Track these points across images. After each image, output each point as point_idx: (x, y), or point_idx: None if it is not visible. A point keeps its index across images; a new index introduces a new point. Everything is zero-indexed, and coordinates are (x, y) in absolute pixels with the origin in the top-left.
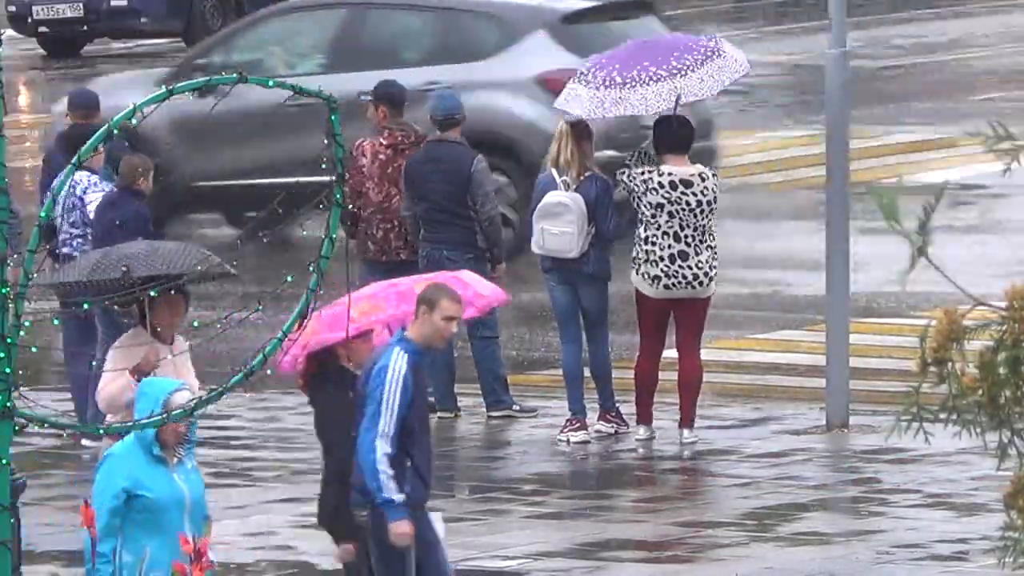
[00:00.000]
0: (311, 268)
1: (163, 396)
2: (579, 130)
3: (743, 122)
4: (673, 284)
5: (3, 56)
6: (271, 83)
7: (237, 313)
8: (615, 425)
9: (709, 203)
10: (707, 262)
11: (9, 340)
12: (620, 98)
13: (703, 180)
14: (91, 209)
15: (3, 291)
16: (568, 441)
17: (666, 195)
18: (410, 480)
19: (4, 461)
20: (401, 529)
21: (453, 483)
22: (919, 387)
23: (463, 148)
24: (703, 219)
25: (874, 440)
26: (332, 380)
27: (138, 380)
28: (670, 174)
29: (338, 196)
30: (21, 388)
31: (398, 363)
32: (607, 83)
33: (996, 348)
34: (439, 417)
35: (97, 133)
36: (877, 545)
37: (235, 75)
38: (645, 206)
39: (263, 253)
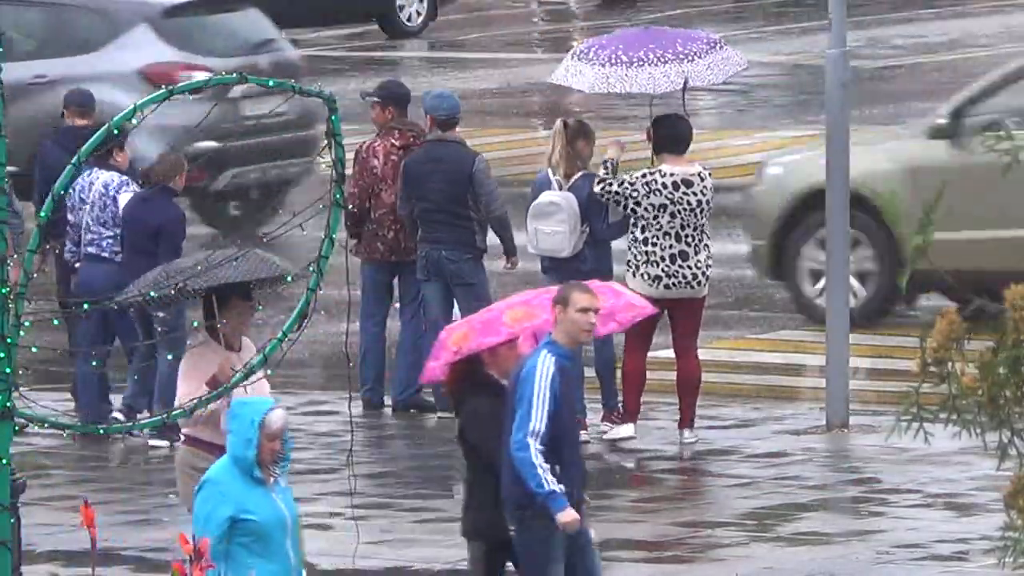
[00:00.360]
0: (311, 268)
1: (259, 417)
2: (574, 130)
3: (743, 122)
4: (673, 284)
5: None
6: (271, 83)
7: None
8: (617, 424)
9: (708, 202)
10: (704, 262)
11: (9, 340)
12: (626, 76)
13: (702, 180)
14: (122, 201)
15: (3, 291)
16: None
17: (669, 195)
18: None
19: (4, 461)
20: (567, 517)
21: (452, 483)
22: (919, 387)
23: (463, 148)
24: (702, 218)
25: (874, 440)
26: (477, 388)
27: (214, 391)
28: (672, 174)
29: (338, 196)
30: (21, 388)
31: (545, 365)
32: (612, 61)
33: (996, 349)
34: (439, 417)
35: (97, 133)
36: (877, 545)
37: (235, 75)
38: (646, 208)
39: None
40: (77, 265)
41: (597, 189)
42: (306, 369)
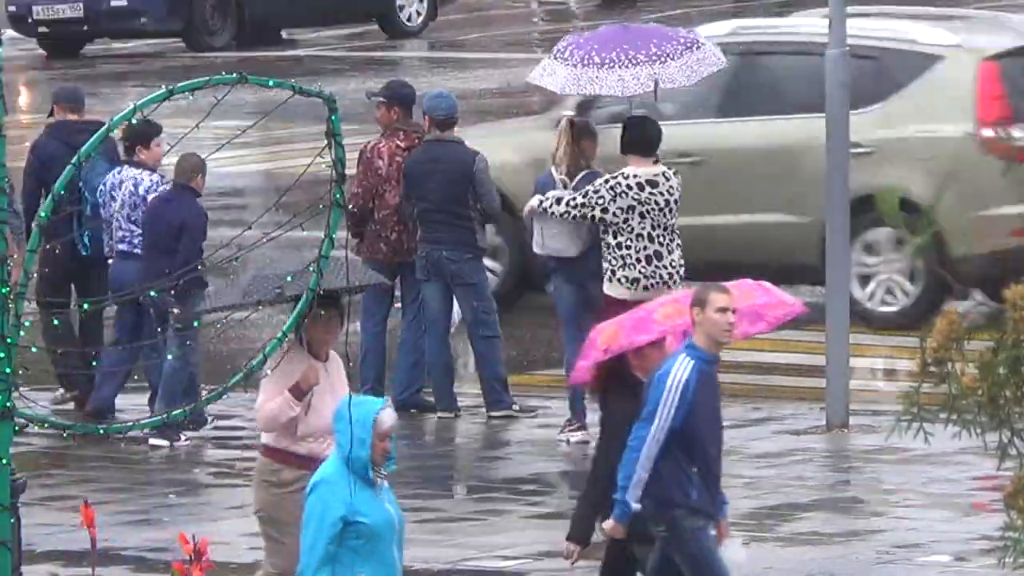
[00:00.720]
0: (311, 268)
1: (371, 417)
2: (579, 128)
3: None
4: (651, 284)
5: (3, 56)
6: (271, 83)
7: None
8: None
9: (676, 201)
10: (678, 260)
11: (9, 340)
12: (597, 77)
13: (667, 179)
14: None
15: (3, 291)
16: (568, 441)
17: (636, 196)
18: (696, 487)
19: (4, 461)
20: (617, 531)
21: (452, 483)
22: (919, 387)
23: (463, 147)
24: (671, 218)
25: (874, 440)
26: (621, 389)
27: (296, 398)
28: (635, 176)
29: (338, 196)
30: (21, 388)
31: (681, 369)
32: (585, 62)
33: (996, 349)
34: (439, 417)
35: (97, 133)
36: (877, 545)
37: (235, 75)
38: (615, 213)
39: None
40: (109, 260)
41: (559, 210)
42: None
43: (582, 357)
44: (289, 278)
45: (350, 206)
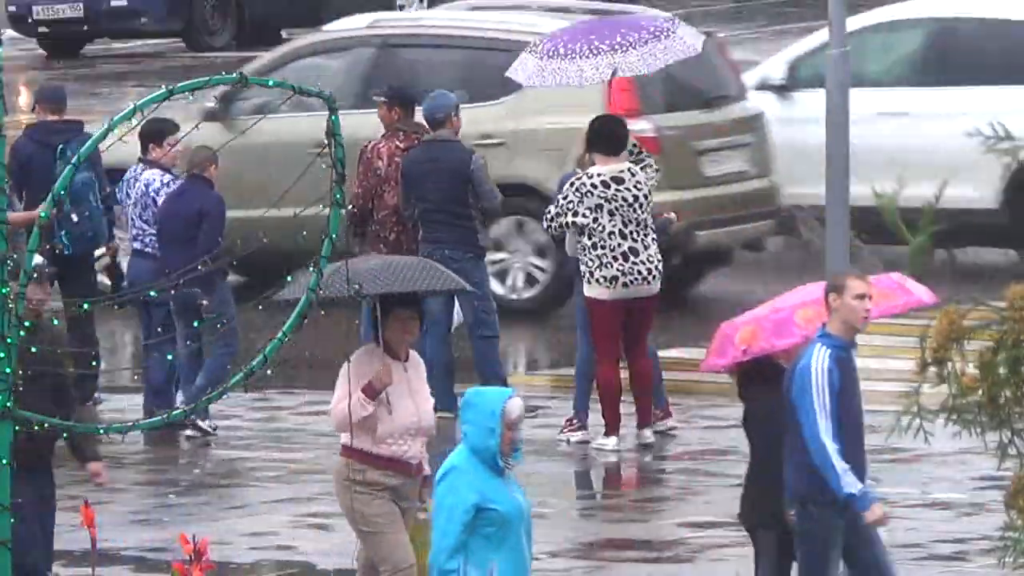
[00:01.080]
0: (311, 268)
1: (499, 406)
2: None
3: None
4: (630, 281)
5: (3, 56)
6: (271, 83)
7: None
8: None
9: (645, 196)
10: (655, 255)
11: (9, 340)
12: (559, 68)
13: (632, 175)
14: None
15: (3, 291)
16: (568, 441)
17: (601, 194)
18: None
19: (4, 461)
20: (875, 516)
21: None
22: (919, 387)
23: (459, 146)
24: (643, 213)
25: (874, 440)
26: (765, 380)
27: (369, 398)
28: (600, 174)
29: (338, 196)
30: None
31: (820, 359)
32: (551, 54)
33: (996, 348)
34: (439, 417)
35: (97, 133)
36: None
37: (235, 75)
38: (584, 214)
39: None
40: (124, 256)
41: (545, 227)
42: (307, 369)
43: (717, 353)
44: (289, 278)
45: (350, 206)
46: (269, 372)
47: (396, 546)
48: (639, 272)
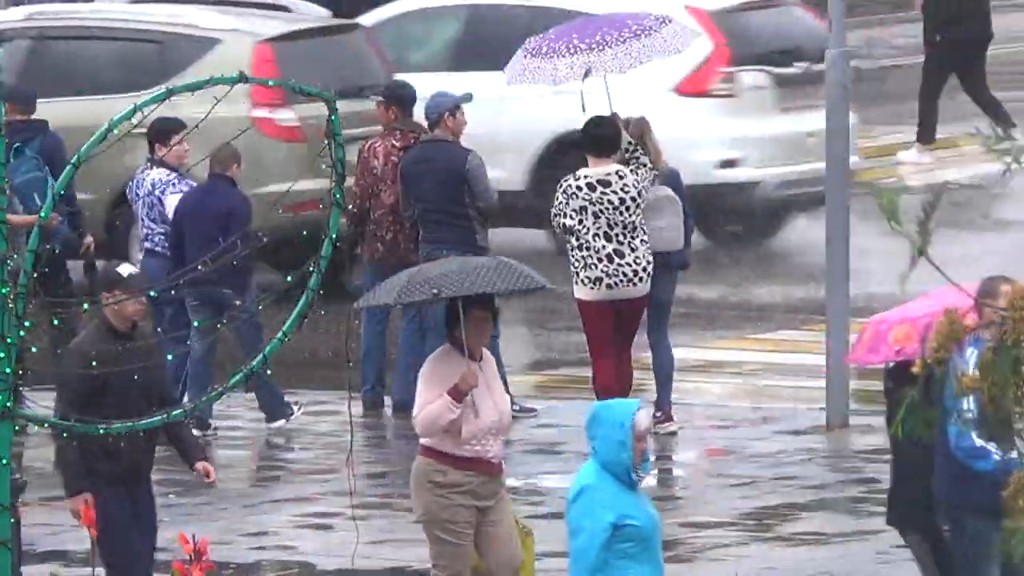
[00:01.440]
0: (311, 268)
1: (628, 419)
2: (647, 123)
3: None
4: (615, 283)
5: (3, 56)
6: (271, 83)
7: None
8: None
9: (633, 199)
10: (643, 257)
11: (9, 340)
12: (538, 68)
13: (621, 178)
14: (169, 204)
15: (3, 291)
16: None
17: (587, 197)
18: (987, 485)
19: (4, 461)
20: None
21: None
22: (919, 387)
23: (455, 146)
24: (631, 215)
25: (874, 440)
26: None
27: (456, 401)
28: (586, 176)
29: (338, 196)
30: (22, 388)
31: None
32: (535, 52)
33: (996, 348)
34: None
35: (97, 133)
36: (877, 545)
37: (235, 75)
38: (569, 215)
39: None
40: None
41: (555, 224)
42: (306, 369)
43: (870, 348)
44: (289, 278)
45: (349, 206)
46: (268, 372)
47: (460, 557)
48: (623, 274)
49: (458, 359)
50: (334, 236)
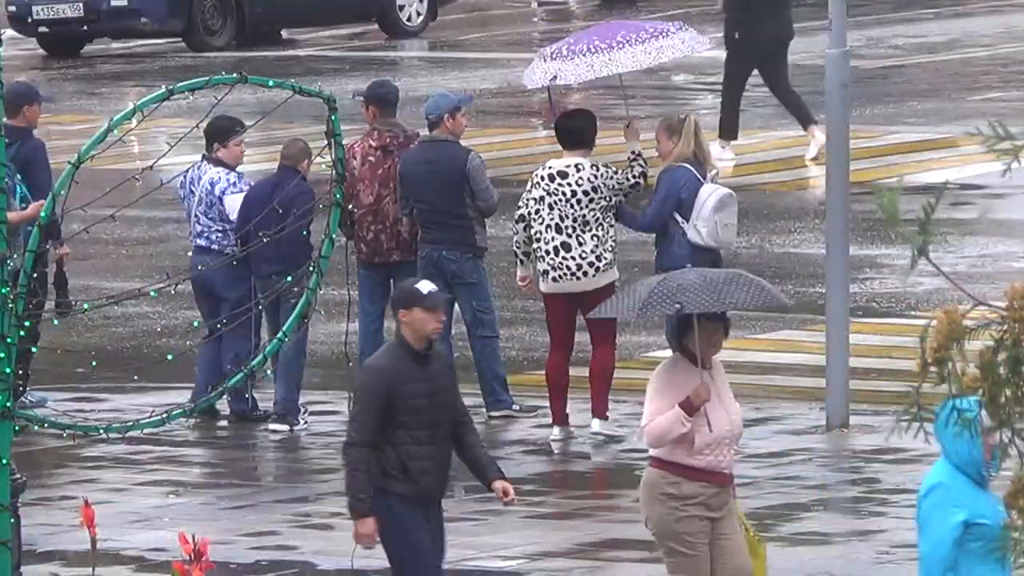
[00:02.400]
0: (311, 268)
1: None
2: (697, 123)
3: (744, 122)
4: (559, 276)
5: (3, 56)
6: (271, 83)
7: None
8: None
9: (586, 192)
10: (591, 252)
11: (9, 340)
12: (558, 68)
13: (578, 170)
14: (229, 204)
15: (3, 291)
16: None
17: (546, 187)
18: None
19: (4, 461)
20: None
21: (452, 483)
22: (919, 387)
23: (455, 146)
24: (582, 209)
25: (874, 440)
26: None
27: (688, 414)
28: (549, 167)
29: (338, 196)
30: (24, 388)
31: None
32: (553, 56)
33: (996, 348)
34: None
35: (97, 133)
36: (877, 545)
37: (235, 75)
38: (529, 203)
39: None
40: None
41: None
42: (306, 369)
43: None
44: (289, 278)
45: (349, 206)
46: (268, 372)
47: (698, 569)
48: (568, 268)
49: (689, 369)
50: (334, 236)
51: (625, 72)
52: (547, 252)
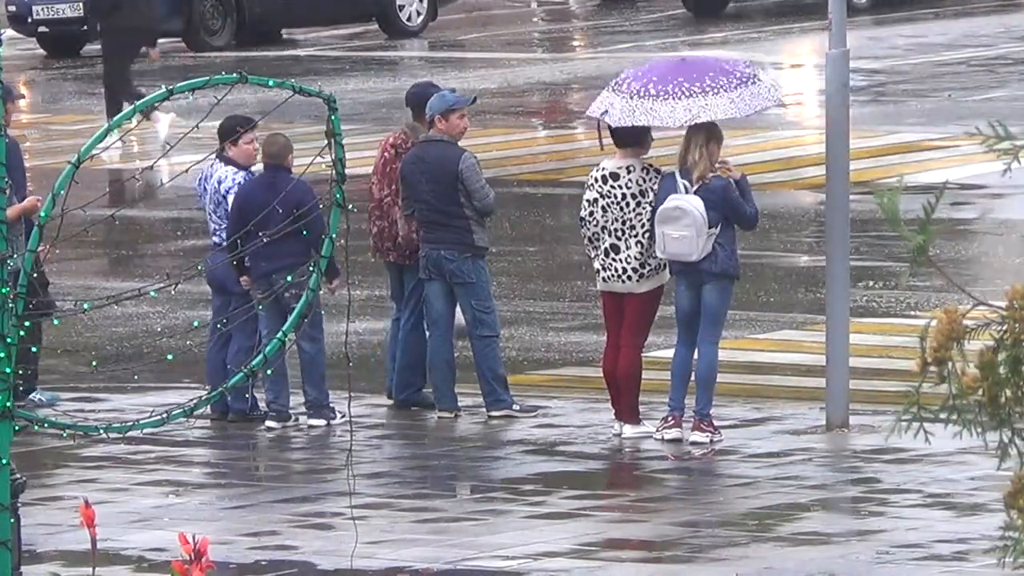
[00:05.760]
0: (311, 268)
1: None
2: (710, 132)
3: (744, 122)
4: (608, 277)
5: (3, 56)
6: (271, 83)
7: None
8: (709, 434)
9: (634, 195)
10: (635, 258)
11: (9, 340)
12: (651, 108)
13: (629, 172)
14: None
15: (3, 291)
16: (663, 438)
17: (599, 189)
18: None
19: (4, 461)
20: None
21: (452, 483)
22: (919, 387)
23: (449, 146)
24: (629, 212)
25: (874, 440)
26: None
27: None
28: (603, 168)
29: (338, 196)
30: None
31: None
32: (641, 94)
33: (996, 348)
34: (439, 417)
35: (97, 133)
36: (877, 545)
37: (235, 75)
38: (583, 205)
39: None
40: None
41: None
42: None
43: None
44: (289, 278)
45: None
46: (268, 372)
47: None
48: (616, 270)
49: None
50: (334, 236)
51: (723, 118)
52: (603, 252)
